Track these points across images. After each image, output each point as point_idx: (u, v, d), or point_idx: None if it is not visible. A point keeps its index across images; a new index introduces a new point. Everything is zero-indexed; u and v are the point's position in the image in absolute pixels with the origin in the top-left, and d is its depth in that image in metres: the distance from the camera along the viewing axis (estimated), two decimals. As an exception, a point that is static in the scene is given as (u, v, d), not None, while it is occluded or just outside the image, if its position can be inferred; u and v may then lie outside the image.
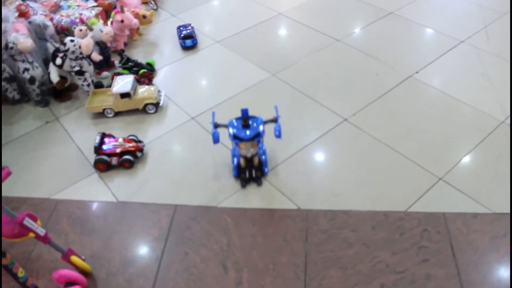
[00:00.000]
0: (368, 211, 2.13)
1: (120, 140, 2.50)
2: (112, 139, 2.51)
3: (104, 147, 2.46)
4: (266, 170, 2.34)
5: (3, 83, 2.90)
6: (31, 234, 1.74)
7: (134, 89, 2.81)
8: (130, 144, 2.47)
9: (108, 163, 2.43)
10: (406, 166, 2.34)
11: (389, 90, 2.86)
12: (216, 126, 2.18)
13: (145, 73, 3.08)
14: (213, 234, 2.09)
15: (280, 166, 2.40)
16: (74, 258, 1.91)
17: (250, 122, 2.13)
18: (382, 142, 2.48)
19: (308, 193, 2.25)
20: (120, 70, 3.21)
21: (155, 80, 3.15)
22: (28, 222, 1.70)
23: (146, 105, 2.81)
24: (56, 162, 2.57)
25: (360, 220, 2.09)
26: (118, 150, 2.44)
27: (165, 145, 2.62)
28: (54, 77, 2.88)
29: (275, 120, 2.18)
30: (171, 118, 2.80)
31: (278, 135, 2.12)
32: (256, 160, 2.25)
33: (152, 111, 2.83)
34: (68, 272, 1.85)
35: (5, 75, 2.87)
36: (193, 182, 2.36)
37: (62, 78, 2.93)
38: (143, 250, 2.07)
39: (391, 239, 2.00)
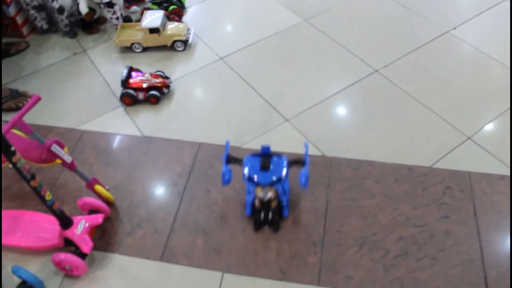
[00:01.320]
0: (392, 163, 2.11)
1: (147, 75, 2.48)
2: (139, 74, 2.49)
3: (131, 81, 2.45)
4: (286, 213, 1.93)
5: (32, 11, 2.88)
6: (58, 161, 1.77)
7: (164, 25, 2.77)
8: (157, 80, 2.45)
9: (134, 97, 2.43)
10: (435, 122, 2.29)
11: (424, 44, 2.76)
12: (228, 161, 1.81)
13: (175, 10, 3.03)
14: (235, 173, 2.09)
15: (306, 112, 2.37)
16: (98, 187, 1.95)
17: (271, 164, 1.76)
18: (412, 96, 2.43)
19: (333, 141, 2.23)
20: (150, 5, 3.17)
21: (184, 18, 3.10)
22: (55, 148, 1.73)
23: (174, 42, 2.77)
24: (82, 94, 2.58)
25: (384, 172, 2.07)
26: (144, 85, 2.43)
27: (192, 83, 2.60)
28: (83, 8, 2.85)
29: (303, 163, 1.77)
30: (200, 57, 2.77)
31: (304, 185, 1.72)
32: (274, 204, 1.86)
33: (180, 49, 2.80)
34: (92, 200, 1.89)
35: (34, 3, 2.84)
36: (218, 121, 2.36)
37: (91, 10, 2.90)
38: (165, 184, 2.09)
39: (413, 193, 1.99)
